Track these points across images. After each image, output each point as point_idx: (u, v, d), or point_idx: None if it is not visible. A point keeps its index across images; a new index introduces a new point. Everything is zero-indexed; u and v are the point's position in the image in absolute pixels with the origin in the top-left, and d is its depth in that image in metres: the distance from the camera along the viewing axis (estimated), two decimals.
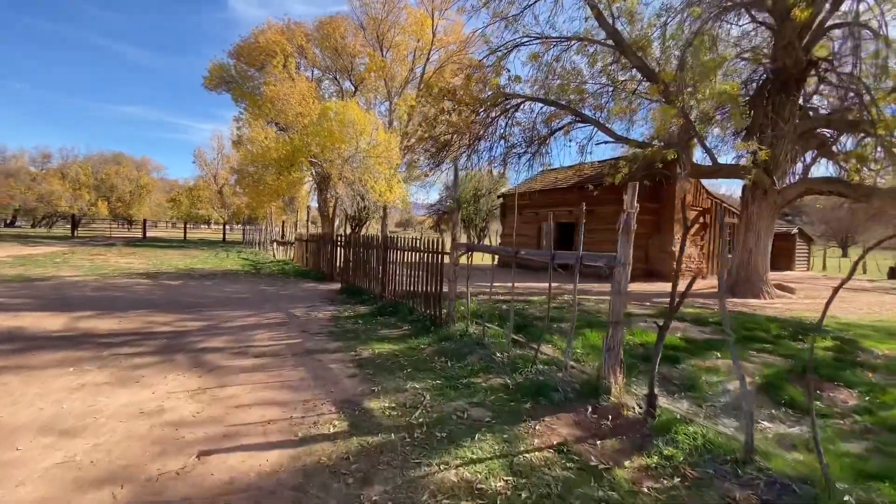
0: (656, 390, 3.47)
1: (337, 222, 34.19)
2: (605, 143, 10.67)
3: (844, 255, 48.31)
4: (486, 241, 35.42)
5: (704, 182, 15.76)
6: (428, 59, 32.14)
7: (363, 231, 35.79)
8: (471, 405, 3.77)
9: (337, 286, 11.04)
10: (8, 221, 55.15)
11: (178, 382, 4.27)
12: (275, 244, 18.86)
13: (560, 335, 5.99)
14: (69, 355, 4.97)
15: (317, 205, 33.96)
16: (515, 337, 5.52)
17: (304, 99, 25.59)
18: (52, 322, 6.42)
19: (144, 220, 34.86)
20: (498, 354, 4.91)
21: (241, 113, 28.09)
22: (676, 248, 14.11)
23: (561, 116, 10.43)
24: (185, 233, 33.91)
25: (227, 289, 10.18)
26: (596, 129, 10.41)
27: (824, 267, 28.61)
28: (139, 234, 32.34)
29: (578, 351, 5.26)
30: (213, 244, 30.72)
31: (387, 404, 3.76)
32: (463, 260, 6.27)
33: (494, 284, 10.32)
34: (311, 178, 28.72)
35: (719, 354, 5.27)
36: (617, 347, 3.77)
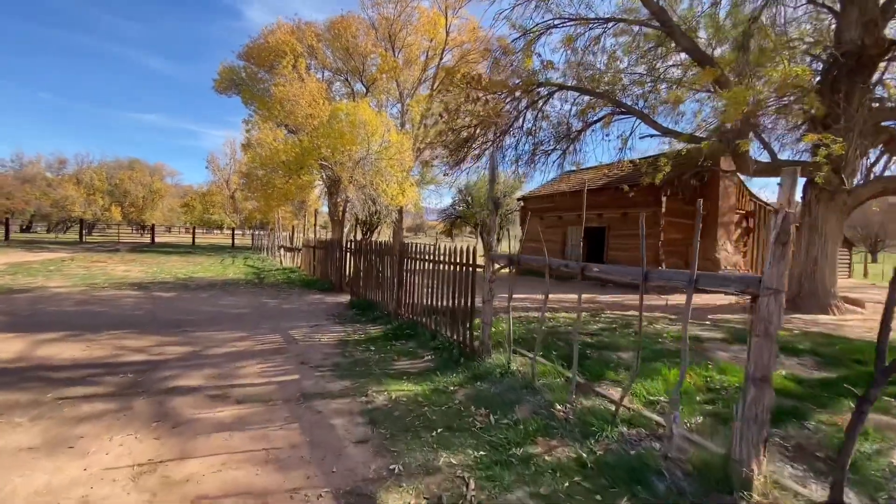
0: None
1: (347, 227, 33.20)
2: (650, 136, 9.38)
3: (874, 259, 45.95)
4: (501, 248, 34.05)
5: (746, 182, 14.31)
6: (441, 58, 31.07)
7: (374, 237, 34.75)
8: (538, 502, 2.51)
9: (346, 299, 9.85)
10: (24, 227, 55.27)
11: (124, 449, 3.08)
12: (281, 250, 17.80)
13: (623, 369, 4.69)
14: (1, 399, 3.82)
15: (327, 209, 33.05)
16: (580, 379, 4.20)
17: (315, 100, 24.63)
18: (5, 348, 5.30)
19: (153, 226, 34.24)
20: (558, 407, 3.64)
21: (250, 115, 27.29)
22: (721, 256, 12.69)
23: (597, 108, 9.18)
24: (193, 238, 33.18)
25: (223, 302, 9.05)
26: (638, 121, 9.12)
27: (865, 274, 26.69)
28: (149, 240, 31.63)
29: (659, 398, 3.96)
30: (222, 250, 29.89)
31: (413, 501, 2.52)
32: (494, 273, 5.03)
33: (521, 297, 8.99)
34: (321, 182, 27.79)
35: (851, 404, 3.93)
36: (762, 416, 2.47)
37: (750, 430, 2.50)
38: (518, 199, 18.14)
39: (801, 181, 10.19)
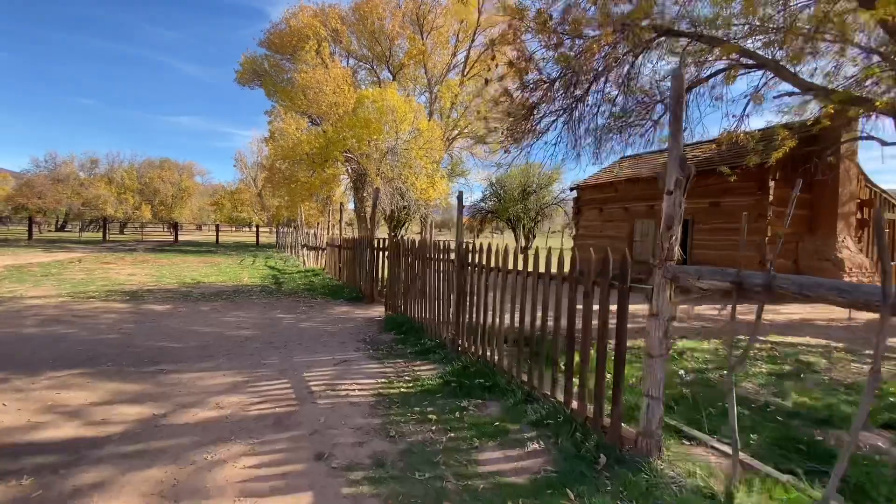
0: None
1: (377, 225, 31.32)
2: (789, 94, 6.88)
3: None
4: (534, 246, 31.60)
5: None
6: (473, 41, 28.68)
7: (402, 233, 32.76)
8: None
9: (379, 312, 7.75)
10: (59, 226, 55.86)
11: None
12: (304, 249, 15.92)
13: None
14: None
15: (353, 205, 31.20)
16: None
17: (339, 87, 22.65)
18: None
19: (175, 224, 33.20)
20: None
21: (273, 107, 25.60)
22: (844, 255, 10.01)
23: (710, 59, 6.76)
24: (217, 236, 31.90)
25: (226, 319, 7.07)
26: (770, 76, 6.64)
27: None
28: (172, 238, 30.53)
29: None
30: (245, 248, 28.45)
31: None
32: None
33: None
34: (346, 175, 25.87)
35: None
36: None
37: None
38: (571, 189, 15.68)
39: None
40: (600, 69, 6.54)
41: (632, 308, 3.05)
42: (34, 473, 2.61)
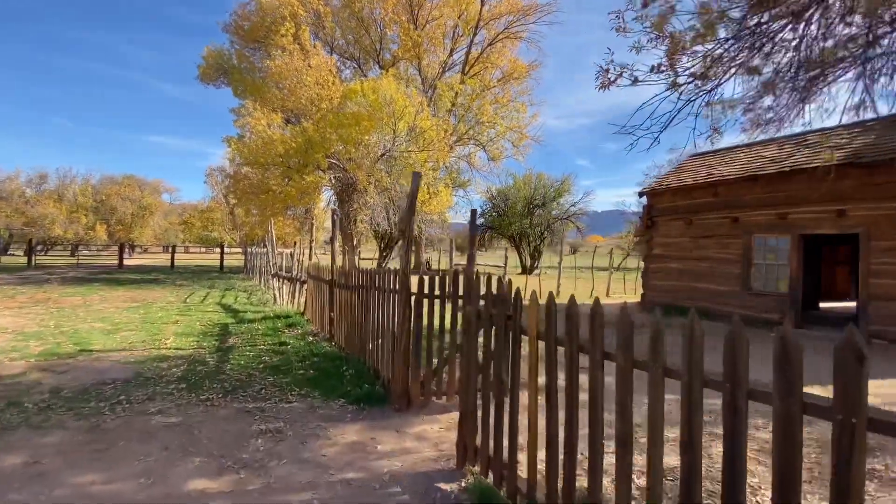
0: None
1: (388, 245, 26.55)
2: None
3: None
4: (539, 264, 27.34)
5: None
6: (475, 35, 24.87)
7: (393, 255, 28.09)
8: None
9: (438, 448, 3.25)
10: (2, 248, 48.47)
11: None
12: (276, 280, 11.15)
13: None
14: None
15: (335, 220, 26.42)
16: None
17: (323, 78, 18.27)
18: None
19: (121, 245, 27.58)
20: None
21: (241, 104, 20.85)
22: None
23: None
24: (172, 259, 26.48)
25: None
26: None
27: None
28: (116, 262, 24.95)
29: None
30: (207, 273, 23.22)
31: None
32: None
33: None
34: (328, 185, 21.15)
35: None
36: None
37: None
38: (640, 194, 11.56)
39: None
40: None
41: None
42: None
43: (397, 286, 4.28)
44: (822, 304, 11.33)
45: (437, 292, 4.27)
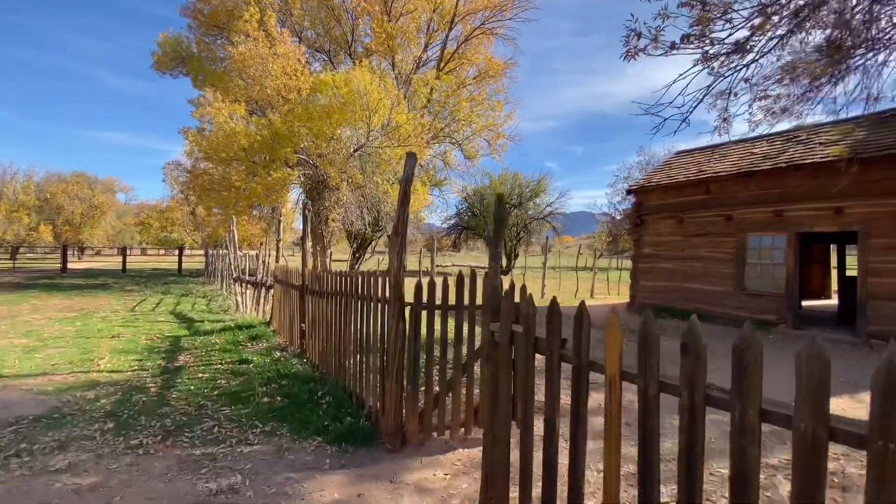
0: None
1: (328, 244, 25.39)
2: None
3: None
4: (514, 272, 27.13)
5: None
6: (450, 30, 24.15)
7: (366, 257, 26.90)
8: None
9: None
10: None
11: None
12: (237, 286, 9.93)
13: None
14: None
15: (306, 217, 25.02)
16: None
17: (290, 67, 17.07)
18: None
19: (65, 247, 25.12)
20: None
21: (201, 95, 19.25)
22: None
23: None
24: (124, 263, 24.31)
25: None
26: None
27: None
28: (60, 267, 22.61)
29: None
30: (163, 277, 21.41)
31: None
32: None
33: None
34: (297, 183, 19.87)
35: None
36: None
37: None
38: (628, 192, 11.09)
39: None
40: None
41: None
42: None
43: (388, 294, 3.44)
44: (803, 303, 11.24)
45: (438, 302, 3.45)
